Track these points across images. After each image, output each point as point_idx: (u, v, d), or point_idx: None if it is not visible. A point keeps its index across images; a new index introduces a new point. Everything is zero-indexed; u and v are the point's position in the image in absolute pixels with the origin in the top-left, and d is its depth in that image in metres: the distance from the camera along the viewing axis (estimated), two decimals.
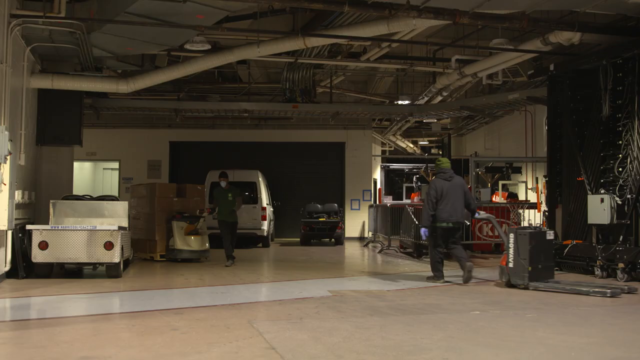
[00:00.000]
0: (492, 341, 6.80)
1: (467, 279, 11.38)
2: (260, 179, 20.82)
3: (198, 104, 22.14)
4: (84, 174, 26.91)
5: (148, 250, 15.97)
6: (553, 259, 11.35)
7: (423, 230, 12.05)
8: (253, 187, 20.59)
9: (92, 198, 14.64)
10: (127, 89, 16.22)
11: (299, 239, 22.22)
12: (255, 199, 20.41)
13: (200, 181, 20.24)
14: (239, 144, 25.12)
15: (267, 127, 25.42)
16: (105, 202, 14.00)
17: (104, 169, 27.67)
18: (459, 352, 6.27)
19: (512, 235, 10.76)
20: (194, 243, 15.42)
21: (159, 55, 17.66)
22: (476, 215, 12.16)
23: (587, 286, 10.37)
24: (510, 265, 10.71)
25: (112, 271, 11.89)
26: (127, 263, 13.72)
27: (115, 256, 11.63)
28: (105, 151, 24.95)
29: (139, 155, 24.89)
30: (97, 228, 11.73)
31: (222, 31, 13.77)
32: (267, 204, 20.77)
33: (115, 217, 13.49)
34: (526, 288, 10.50)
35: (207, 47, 15.78)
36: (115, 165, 25.70)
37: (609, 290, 9.79)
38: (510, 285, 10.74)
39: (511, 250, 10.70)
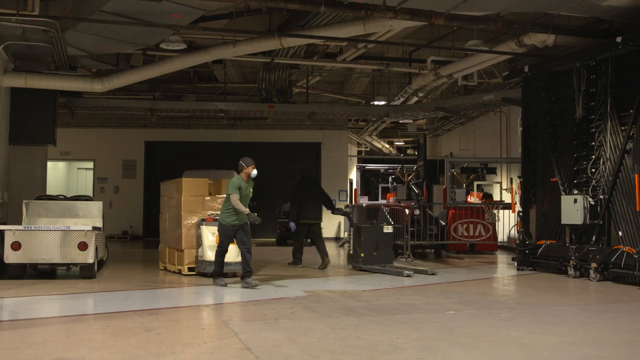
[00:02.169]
0: (467, 341, 6.84)
1: (324, 267, 13.83)
2: None
3: (173, 103, 22.02)
4: (58, 174, 26.66)
5: (177, 262, 12.87)
6: (391, 248, 14.19)
7: (292, 225, 14.67)
8: None
9: (66, 198, 14.52)
10: (102, 88, 16.10)
11: (274, 239, 22.19)
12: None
13: None
14: (215, 144, 25.03)
15: (243, 127, 25.36)
16: (79, 202, 13.89)
17: (78, 168, 27.44)
18: (434, 352, 6.30)
19: (350, 230, 14.08)
20: (228, 253, 11.73)
21: (134, 55, 17.54)
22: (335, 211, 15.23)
23: (396, 269, 13.06)
24: (350, 252, 13.93)
25: (86, 272, 11.79)
26: (101, 263, 13.61)
27: (89, 257, 11.53)
28: (80, 151, 24.75)
29: (114, 155, 24.72)
30: (71, 228, 11.62)
31: (198, 31, 13.71)
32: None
33: (90, 218, 13.40)
34: (361, 269, 13.42)
35: (183, 46, 15.71)
36: (90, 165, 25.51)
37: (406, 272, 12.51)
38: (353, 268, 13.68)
39: (350, 241, 13.95)
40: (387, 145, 32.33)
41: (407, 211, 15.81)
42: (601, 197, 12.27)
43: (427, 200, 19.99)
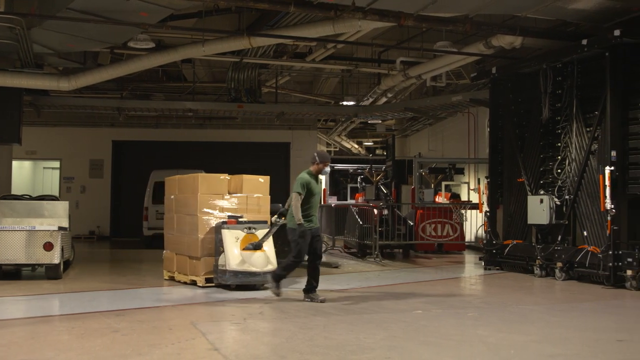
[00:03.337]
0: (434, 340, 6.88)
1: None
2: None
3: (141, 102, 21.82)
4: (23, 173, 26.28)
5: (190, 272, 11.11)
6: None
7: None
8: None
9: (31, 198, 14.32)
10: (69, 86, 15.91)
11: None
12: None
13: (144, 182, 19.97)
14: (184, 144, 24.85)
15: (212, 126, 25.22)
16: (45, 202, 13.70)
17: (44, 168, 27.08)
18: (401, 351, 6.33)
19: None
20: (255, 261, 10.36)
21: (101, 53, 17.35)
22: None
23: None
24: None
25: (51, 272, 11.64)
26: (67, 264, 13.45)
27: (55, 257, 11.39)
28: (46, 150, 24.41)
29: (81, 155, 24.41)
30: (37, 228, 11.47)
31: (167, 29, 13.62)
32: None
33: (56, 218, 13.21)
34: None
35: (151, 45, 15.58)
36: (56, 164, 25.17)
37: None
38: None
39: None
40: (356, 146, 32.41)
41: (375, 211, 15.85)
42: (567, 197, 12.42)
43: (395, 200, 20.08)
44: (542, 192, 12.99)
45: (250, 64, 19.48)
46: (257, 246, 10.33)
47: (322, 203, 22.71)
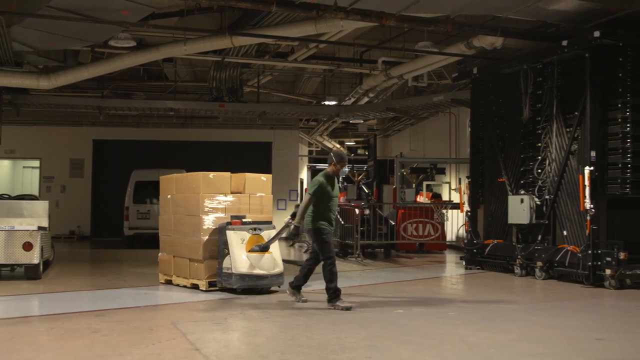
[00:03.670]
0: (415, 339, 6.90)
1: None
2: None
3: (122, 101, 21.71)
4: (3, 173, 26.07)
5: (191, 275, 10.61)
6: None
7: None
8: None
9: (10, 197, 14.22)
10: (49, 85, 15.80)
11: None
12: None
13: (124, 182, 19.85)
14: (165, 143, 24.73)
15: (193, 126, 25.13)
16: (24, 202, 13.59)
17: (23, 167, 26.83)
18: (383, 351, 6.34)
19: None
20: (262, 264, 9.97)
21: (82, 51, 17.25)
22: None
23: None
24: None
25: (31, 272, 11.54)
26: (47, 264, 13.34)
27: (34, 257, 11.30)
28: (25, 149, 24.20)
29: (61, 154, 24.23)
30: (16, 228, 11.37)
31: (148, 28, 13.55)
32: None
33: (35, 217, 13.10)
34: None
35: (132, 44, 15.50)
36: (36, 163, 24.95)
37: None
38: None
39: None
40: (338, 145, 32.38)
41: (357, 211, 15.88)
42: (547, 197, 12.50)
43: (377, 200, 20.11)
44: (522, 192, 13.06)
45: (232, 63, 19.44)
46: (265, 248, 9.95)
47: None
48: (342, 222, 16.34)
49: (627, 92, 11.33)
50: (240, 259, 9.84)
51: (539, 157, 12.86)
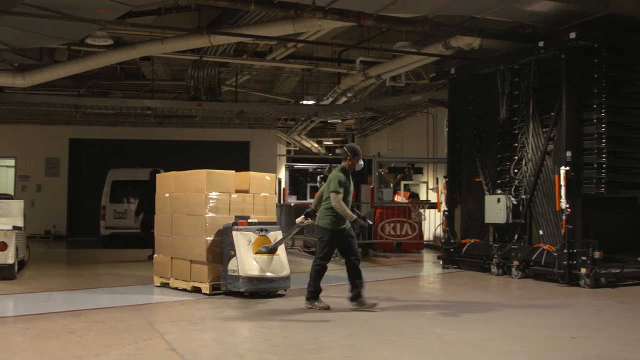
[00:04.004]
0: (393, 338, 6.93)
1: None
2: None
3: (99, 100, 21.55)
4: None
5: (192, 278, 10.07)
6: None
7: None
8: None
9: None
10: (24, 83, 15.64)
11: None
12: None
13: (101, 181, 19.70)
14: (142, 142, 24.58)
15: (171, 125, 24.99)
16: None
17: None
18: (360, 350, 6.35)
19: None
20: (273, 267, 9.59)
21: (58, 49, 17.08)
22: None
23: None
24: None
25: (5, 273, 11.41)
26: (22, 264, 13.20)
27: (9, 257, 11.17)
28: (0, 148, 23.95)
29: (36, 153, 23.99)
30: None
31: (125, 26, 13.48)
32: None
33: (10, 217, 12.95)
34: None
35: (109, 42, 15.39)
36: (11, 162, 24.67)
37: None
38: None
39: None
40: (316, 145, 32.41)
41: None
42: (523, 197, 12.59)
43: (354, 199, 20.12)
44: (499, 191, 13.14)
45: (210, 62, 19.40)
46: (272, 250, 9.56)
47: (282, 202, 22.72)
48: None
49: (602, 93, 11.44)
50: (248, 261, 9.39)
51: (516, 157, 12.95)
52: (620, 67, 11.68)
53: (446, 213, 14.42)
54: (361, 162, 8.86)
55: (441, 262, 14.25)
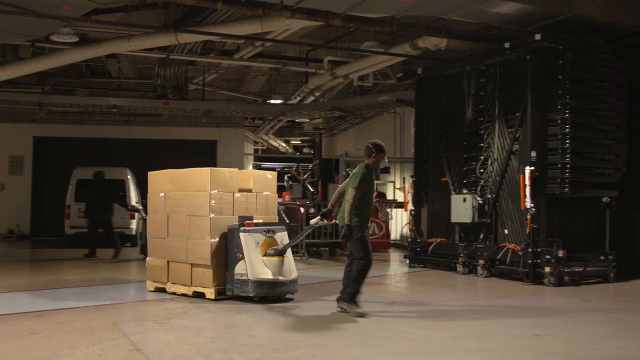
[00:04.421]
0: (359, 337, 6.94)
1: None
2: (129, 176, 20.32)
3: (64, 98, 21.27)
4: None
5: (193, 282, 9.47)
6: None
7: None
8: (122, 185, 20.05)
9: None
10: None
11: None
12: (124, 197, 19.89)
13: (66, 180, 19.45)
14: (108, 141, 24.35)
15: (137, 123, 24.77)
16: None
17: None
18: (327, 349, 6.36)
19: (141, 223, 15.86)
20: (281, 270, 9.12)
21: (22, 46, 16.85)
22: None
23: None
24: (142, 243, 14.83)
25: None
26: None
27: None
28: None
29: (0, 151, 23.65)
30: None
31: (91, 23, 13.31)
32: (135, 203, 20.29)
33: None
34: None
35: (75, 39, 15.22)
36: None
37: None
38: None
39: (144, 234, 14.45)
40: (284, 144, 32.39)
41: (302, 210, 15.89)
42: (489, 196, 12.70)
43: (322, 198, 20.14)
44: (465, 191, 13.24)
45: (177, 60, 19.28)
46: (282, 252, 9.15)
47: None
48: (287, 221, 16.32)
49: (567, 94, 11.59)
50: (258, 264, 8.95)
51: (482, 157, 13.06)
52: (584, 68, 11.84)
53: (413, 212, 14.49)
54: (386, 160, 8.53)
55: (408, 261, 14.32)
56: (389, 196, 21.08)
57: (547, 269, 11.11)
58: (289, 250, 9.42)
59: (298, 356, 6.02)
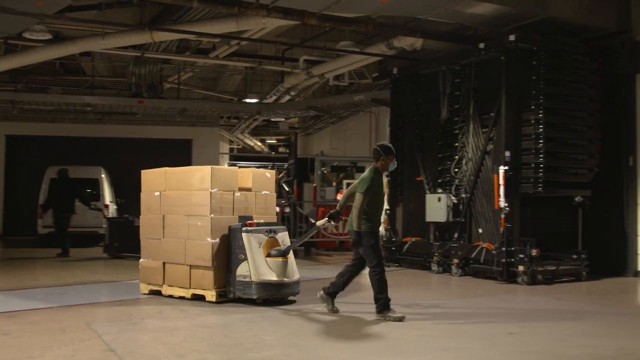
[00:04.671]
0: (333, 336, 6.95)
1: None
2: (103, 175, 20.17)
3: (37, 96, 21.05)
4: None
5: (192, 284, 9.17)
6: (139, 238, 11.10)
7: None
8: (95, 184, 19.91)
9: None
10: None
11: None
12: (97, 196, 19.75)
13: (39, 178, 19.26)
14: (82, 139, 24.13)
15: (111, 122, 24.58)
16: None
17: None
18: (301, 348, 6.36)
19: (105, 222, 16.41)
20: (285, 271, 8.94)
21: None
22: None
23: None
24: (106, 242, 15.86)
25: None
26: None
27: None
28: None
29: None
30: None
31: (65, 21, 13.18)
32: (110, 202, 20.15)
33: None
34: (115, 257, 15.30)
35: (48, 36, 15.06)
36: None
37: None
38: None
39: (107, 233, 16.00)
40: (259, 143, 32.34)
41: (277, 209, 15.86)
42: (463, 196, 12.78)
43: (297, 198, 20.15)
44: (440, 190, 13.31)
45: (152, 58, 19.17)
46: (285, 252, 8.96)
47: None
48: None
49: (540, 94, 11.67)
50: (263, 265, 8.72)
51: (456, 157, 13.13)
52: (557, 69, 11.94)
53: (388, 212, 14.51)
54: (395, 162, 8.33)
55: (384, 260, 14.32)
56: None
57: (521, 268, 11.20)
58: (290, 251, 9.26)
59: (273, 355, 6.01)
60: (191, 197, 9.31)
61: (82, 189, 18.12)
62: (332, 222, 8.61)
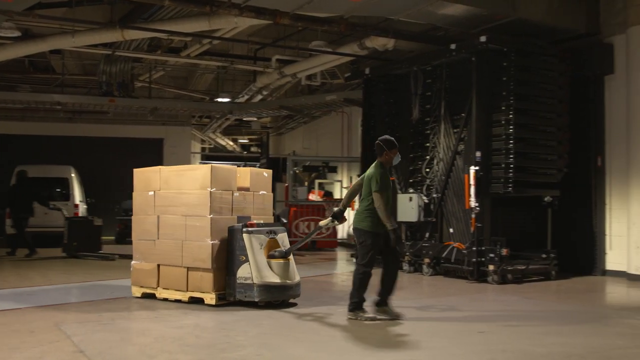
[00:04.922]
0: (305, 336, 6.95)
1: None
2: (73, 174, 19.98)
3: (6, 94, 20.79)
4: None
5: (190, 287, 8.85)
6: (100, 238, 16.23)
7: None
8: (65, 183, 19.71)
9: None
10: None
11: (113, 237, 21.49)
12: (67, 195, 19.56)
13: (7, 178, 19.01)
14: (52, 138, 23.84)
15: (82, 121, 24.35)
16: None
17: None
18: (273, 348, 6.35)
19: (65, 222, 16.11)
20: (287, 273, 8.74)
21: None
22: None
23: (103, 254, 15.52)
24: (65, 241, 15.75)
25: None
26: None
27: None
28: None
29: None
30: None
31: (34, 18, 13.05)
32: (80, 201, 19.97)
33: None
34: (74, 256, 15.34)
35: (17, 34, 14.90)
36: None
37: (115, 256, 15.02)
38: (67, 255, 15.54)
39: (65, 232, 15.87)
40: (231, 143, 32.26)
41: None
42: (435, 195, 12.85)
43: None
44: (411, 190, 13.37)
45: (123, 57, 19.03)
46: (287, 254, 8.74)
47: None
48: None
49: (511, 95, 11.77)
50: (265, 267, 8.48)
51: (428, 157, 13.19)
52: (527, 70, 12.05)
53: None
54: (399, 155, 8.18)
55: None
56: (336, 195, 21.16)
57: (491, 267, 11.30)
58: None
59: (244, 356, 6.00)
60: (189, 196, 9.01)
61: (48, 188, 17.92)
62: (336, 222, 8.40)
